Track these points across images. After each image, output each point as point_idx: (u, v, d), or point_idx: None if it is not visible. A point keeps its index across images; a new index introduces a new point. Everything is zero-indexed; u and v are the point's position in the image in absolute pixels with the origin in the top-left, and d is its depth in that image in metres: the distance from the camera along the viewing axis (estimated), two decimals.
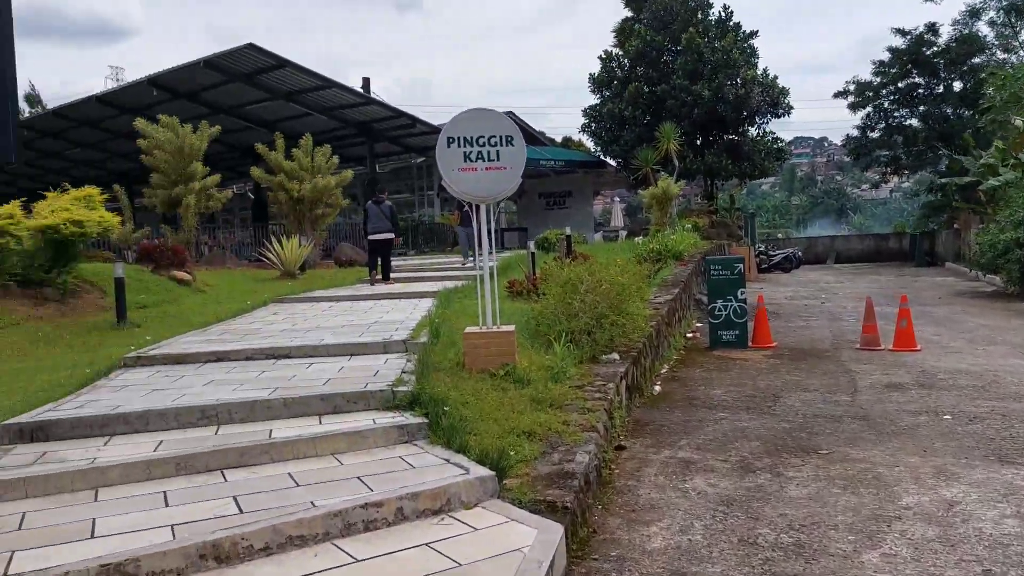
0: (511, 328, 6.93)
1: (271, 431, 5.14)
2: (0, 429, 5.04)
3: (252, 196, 31.26)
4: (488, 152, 6.66)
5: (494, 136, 6.68)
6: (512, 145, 6.71)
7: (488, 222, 6.90)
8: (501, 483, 4.48)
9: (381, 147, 28.23)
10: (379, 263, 15.00)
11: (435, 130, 25.81)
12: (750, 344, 11.62)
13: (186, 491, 4.29)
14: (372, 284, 14.75)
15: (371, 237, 15.08)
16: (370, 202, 15.53)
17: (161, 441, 4.97)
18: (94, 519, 3.88)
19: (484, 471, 4.48)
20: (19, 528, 3.80)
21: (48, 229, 10.85)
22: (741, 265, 11.96)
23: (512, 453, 4.81)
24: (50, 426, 5.10)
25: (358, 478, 4.44)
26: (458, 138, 6.66)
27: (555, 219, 30.14)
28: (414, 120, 25.09)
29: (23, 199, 11.19)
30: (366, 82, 28.42)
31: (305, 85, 22.91)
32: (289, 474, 4.54)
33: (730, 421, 7.23)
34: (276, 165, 19.15)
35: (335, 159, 19.88)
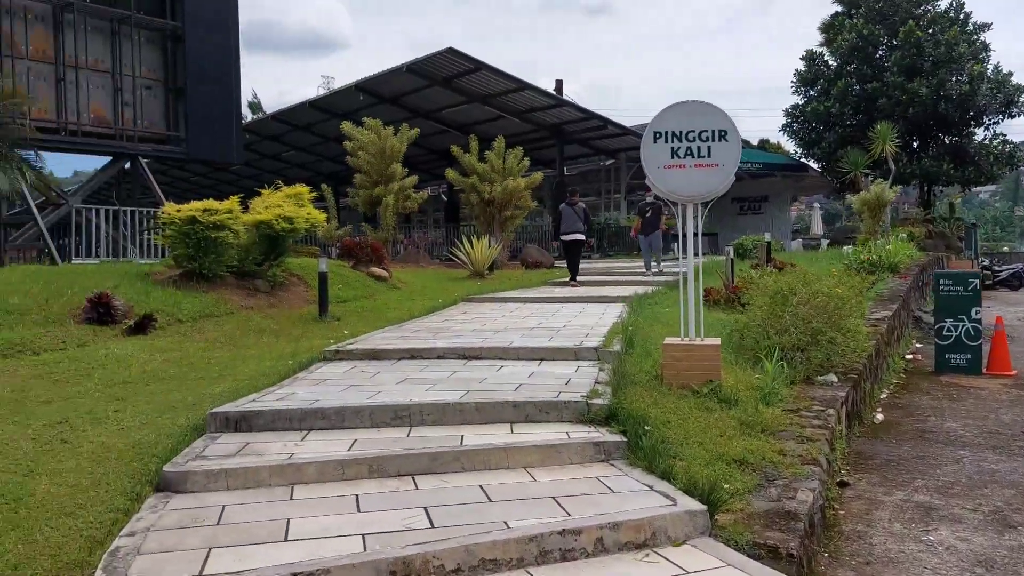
0: (716, 341, 6.33)
1: (462, 437, 4.91)
2: (209, 417, 5.17)
3: (445, 198, 32.28)
4: (698, 148, 6.11)
5: (705, 131, 6.12)
6: (725, 140, 6.11)
7: (694, 225, 6.34)
8: (712, 519, 3.95)
9: (570, 149, 28.13)
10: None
11: (626, 131, 25.29)
12: (984, 370, 10.19)
13: (378, 496, 4.13)
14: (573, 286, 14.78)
15: (563, 238, 15.04)
16: (563, 204, 15.45)
17: (355, 440, 4.88)
18: (288, 519, 3.79)
19: (694, 504, 3.97)
20: (217, 522, 3.77)
21: (262, 224, 11.50)
22: (977, 281, 10.55)
23: (725, 485, 4.26)
24: (253, 417, 5.17)
25: (553, 498, 4.08)
26: (665, 133, 6.16)
27: (748, 225, 28.64)
28: (605, 121, 24.72)
29: (242, 195, 11.94)
30: (559, 84, 28.47)
31: (499, 88, 23.20)
32: (481, 487, 4.27)
33: (973, 461, 6.21)
34: (469, 167, 19.46)
35: (526, 161, 19.91)
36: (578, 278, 14.96)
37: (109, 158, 16.56)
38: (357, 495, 4.14)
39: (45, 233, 14.38)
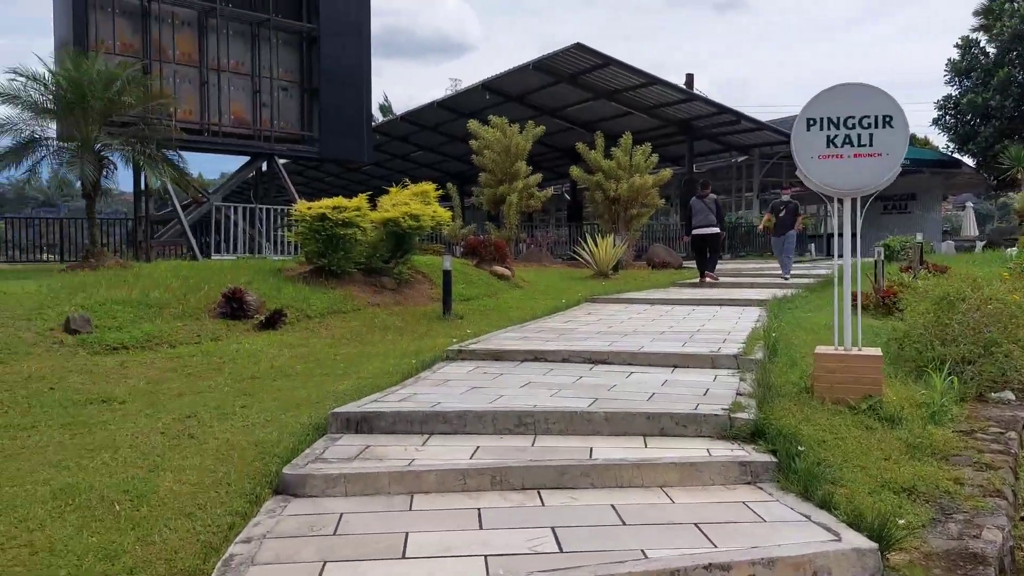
0: (876, 352, 5.66)
1: (591, 449, 4.54)
2: (330, 417, 5.04)
3: (568, 196, 31.95)
4: (859, 135, 5.47)
5: (867, 116, 5.46)
6: (891, 126, 5.44)
7: (853, 222, 5.69)
8: (884, 559, 3.41)
9: (699, 146, 27.16)
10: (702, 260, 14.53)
11: (761, 127, 24.13)
12: None
13: (501, 512, 3.82)
14: (701, 284, 14.25)
15: (695, 232, 14.46)
16: (694, 197, 14.87)
17: (477, 447, 4.61)
18: (407, 533, 3.54)
19: (862, 540, 3.44)
20: (334, 532, 3.57)
21: (389, 221, 11.53)
22: None
23: (899, 520, 3.69)
24: (374, 418, 4.99)
25: (695, 525, 3.64)
26: (820, 119, 5.55)
27: (893, 225, 26.70)
28: (739, 116, 23.66)
29: (370, 194, 12.03)
30: (689, 79, 27.55)
31: (627, 84, 22.64)
32: (612, 507, 3.88)
33: None
34: (595, 164, 19.04)
35: (654, 158, 19.29)
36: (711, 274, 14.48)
37: (247, 158, 17.24)
38: (479, 509, 3.85)
39: (187, 230, 15.10)
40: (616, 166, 18.91)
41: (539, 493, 4.08)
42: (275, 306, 9.47)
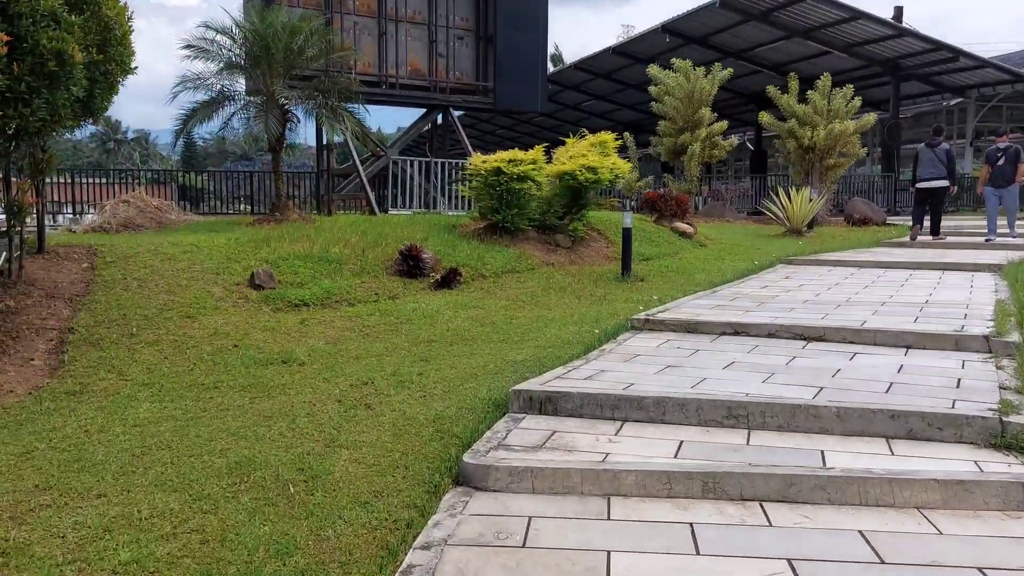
0: None
1: (822, 454, 3.77)
2: (512, 395, 4.55)
3: (751, 146, 29.98)
4: None
5: None
6: None
7: None
8: None
9: (905, 88, 24.33)
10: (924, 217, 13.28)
11: (983, 64, 21.27)
12: None
13: (719, 531, 3.16)
14: (912, 240, 12.88)
15: (919, 185, 12.98)
16: (922, 145, 13.34)
17: (681, 442, 3.96)
18: (608, 552, 2.97)
19: None
20: (523, 543, 3.06)
21: (565, 175, 10.92)
22: None
23: None
24: (559, 399, 4.45)
25: (978, 571, 2.82)
26: None
27: None
28: (957, 52, 20.83)
29: (546, 145, 11.45)
30: (898, 12, 24.57)
31: (825, 19, 20.47)
32: (860, 534, 3.12)
33: None
34: (787, 110, 17.44)
35: (856, 101, 17.36)
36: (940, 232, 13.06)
37: (423, 110, 17.15)
38: (691, 524, 3.21)
39: (366, 184, 15.25)
40: (812, 111, 17.21)
41: (762, 507, 3.39)
42: (450, 264, 9.18)
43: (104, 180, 17.75)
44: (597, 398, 4.40)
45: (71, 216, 14.92)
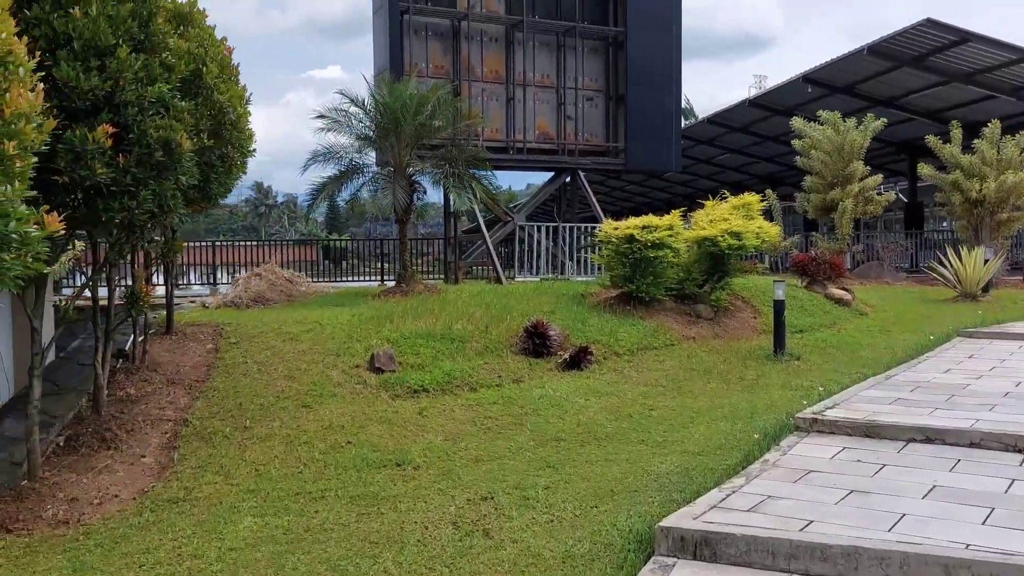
0: None
1: None
2: (658, 533, 3.75)
3: (904, 198, 27.82)
4: None
5: None
6: None
7: None
8: None
9: None
10: None
11: None
12: None
13: None
14: None
15: None
16: None
17: None
18: None
19: None
20: None
21: (705, 241, 10.05)
22: None
23: None
24: (718, 542, 3.61)
25: None
26: None
27: None
28: None
29: (683, 209, 10.63)
30: None
31: (990, 62, 18.63)
32: None
33: None
34: (951, 160, 15.81)
35: None
36: None
37: (551, 173, 16.73)
38: None
39: (492, 252, 14.86)
40: (980, 161, 15.51)
41: None
42: (579, 341, 8.48)
43: (255, 242, 18.43)
44: (767, 544, 3.53)
45: (209, 286, 15.33)
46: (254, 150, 6.72)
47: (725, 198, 11.07)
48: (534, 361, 8.10)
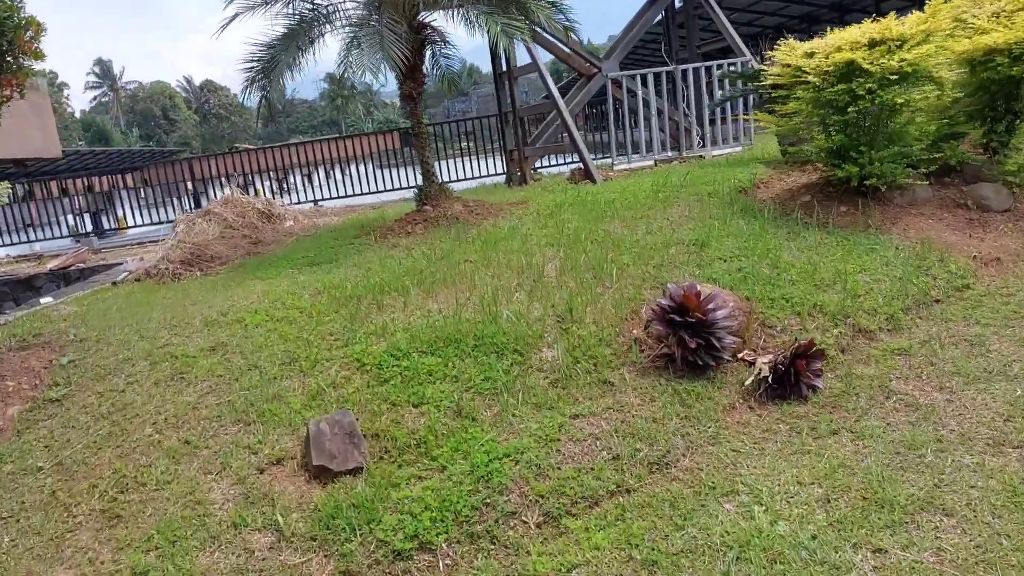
0: None
1: None
2: None
3: None
4: None
5: None
6: None
7: None
8: None
9: None
10: None
11: None
12: None
13: None
14: None
15: None
16: None
17: None
18: None
19: None
20: None
21: (986, 58, 4.96)
22: None
23: None
24: None
25: None
26: None
27: None
28: None
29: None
30: None
31: None
32: None
33: None
34: None
35: None
36: None
37: None
38: None
39: (573, 129, 9.95)
40: None
41: None
42: (779, 312, 3.85)
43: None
44: None
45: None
46: None
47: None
48: (683, 385, 3.49)
